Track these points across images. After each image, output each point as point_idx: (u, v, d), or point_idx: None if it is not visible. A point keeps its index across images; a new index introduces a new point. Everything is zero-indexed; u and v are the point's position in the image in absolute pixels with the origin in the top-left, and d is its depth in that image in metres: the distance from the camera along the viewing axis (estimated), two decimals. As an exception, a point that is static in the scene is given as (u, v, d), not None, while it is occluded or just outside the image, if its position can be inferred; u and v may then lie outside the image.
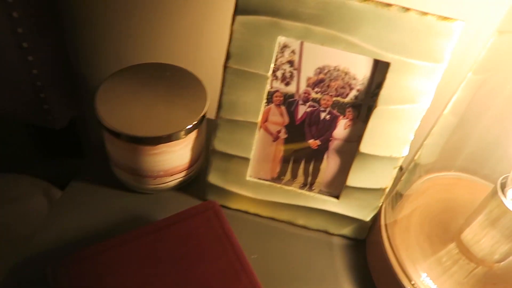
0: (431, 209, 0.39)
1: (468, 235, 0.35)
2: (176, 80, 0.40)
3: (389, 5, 0.31)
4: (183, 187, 0.42)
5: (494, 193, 0.33)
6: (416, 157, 0.37)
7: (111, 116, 0.36)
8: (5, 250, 0.55)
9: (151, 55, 0.51)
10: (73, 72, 0.57)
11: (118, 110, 0.37)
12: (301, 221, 0.41)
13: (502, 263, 0.35)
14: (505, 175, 0.33)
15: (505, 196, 0.32)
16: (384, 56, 0.32)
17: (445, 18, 0.31)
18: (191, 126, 0.37)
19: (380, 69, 0.33)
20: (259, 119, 0.36)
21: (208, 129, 0.41)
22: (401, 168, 0.39)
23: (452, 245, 0.36)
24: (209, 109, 0.39)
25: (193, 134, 0.38)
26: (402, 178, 0.38)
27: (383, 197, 0.38)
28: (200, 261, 0.33)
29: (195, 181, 0.43)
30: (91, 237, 0.38)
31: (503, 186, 0.33)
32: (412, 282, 0.33)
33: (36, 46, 0.48)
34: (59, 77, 0.54)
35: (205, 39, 0.48)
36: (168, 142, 0.36)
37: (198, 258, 0.33)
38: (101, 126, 0.37)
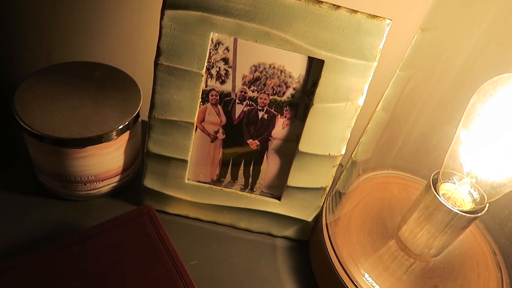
0: (370, 207, 0.39)
1: (405, 231, 0.36)
2: (107, 80, 0.38)
3: (320, 2, 0.30)
4: (117, 193, 0.40)
5: (427, 189, 0.33)
6: (353, 155, 0.37)
7: (32, 118, 0.33)
8: None
9: (81, 54, 0.48)
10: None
11: (40, 111, 0.34)
12: (243, 224, 0.40)
13: (437, 257, 0.35)
14: (436, 171, 0.34)
15: (437, 191, 0.33)
16: (318, 54, 0.32)
17: (374, 17, 0.31)
18: (122, 126, 0.35)
19: (315, 67, 0.33)
20: (195, 118, 0.35)
21: (143, 131, 0.39)
22: (341, 167, 0.38)
23: (391, 242, 0.37)
24: (145, 110, 0.37)
25: (126, 136, 0.36)
26: (341, 177, 0.38)
27: (324, 196, 0.38)
28: (133, 270, 0.31)
29: (131, 186, 0.41)
30: (12, 251, 0.34)
31: (435, 182, 0.33)
32: (355, 283, 0.33)
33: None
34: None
35: (139, 37, 0.46)
36: (98, 144, 0.34)
37: (131, 268, 0.31)
38: (21, 129, 0.34)
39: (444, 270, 0.36)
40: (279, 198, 0.38)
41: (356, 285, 0.33)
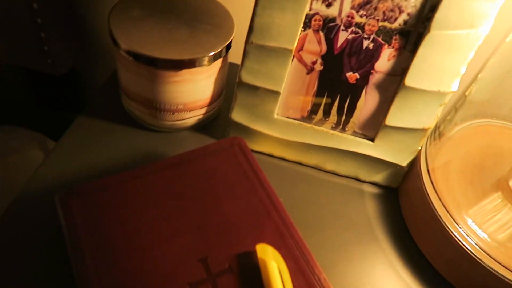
0: (474, 155, 0.36)
1: (515, 181, 0.33)
2: (200, 6, 0.36)
3: None
4: (201, 127, 0.39)
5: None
6: (467, 93, 0.33)
7: (127, 37, 0.32)
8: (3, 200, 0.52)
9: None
10: (75, 14, 0.52)
11: (135, 31, 0.33)
12: (330, 166, 0.38)
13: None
14: None
15: None
16: (444, -28, 0.29)
17: None
18: (216, 52, 0.33)
19: (435, -12, 0.30)
20: (294, 45, 0.33)
21: (230, 71, 0.37)
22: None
23: (497, 193, 0.34)
24: (234, 45, 0.35)
25: (218, 64, 0.34)
26: (446, 119, 0.35)
27: (424, 139, 0.35)
28: (227, 197, 0.30)
29: (213, 123, 0.39)
30: (101, 173, 0.34)
31: None
32: (460, 227, 0.31)
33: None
34: (61, 17, 0.49)
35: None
36: (192, 67, 0.33)
37: (225, 194, 0.30)
38: (115, 47, 0.33)
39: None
40: (372, 140, 0.36)
41: (462, 232, 0.31)
